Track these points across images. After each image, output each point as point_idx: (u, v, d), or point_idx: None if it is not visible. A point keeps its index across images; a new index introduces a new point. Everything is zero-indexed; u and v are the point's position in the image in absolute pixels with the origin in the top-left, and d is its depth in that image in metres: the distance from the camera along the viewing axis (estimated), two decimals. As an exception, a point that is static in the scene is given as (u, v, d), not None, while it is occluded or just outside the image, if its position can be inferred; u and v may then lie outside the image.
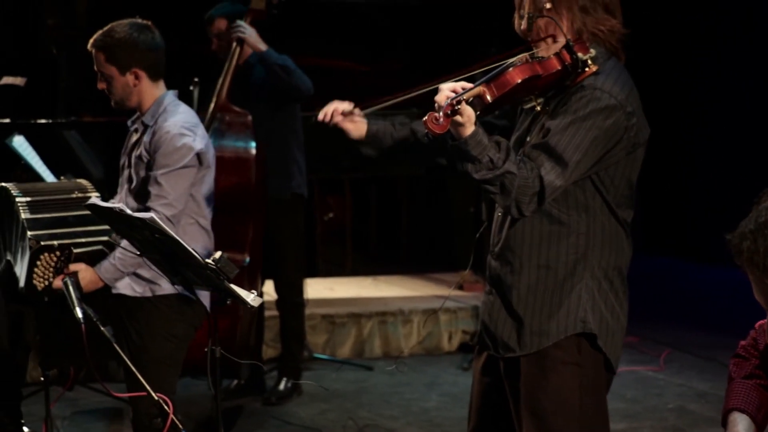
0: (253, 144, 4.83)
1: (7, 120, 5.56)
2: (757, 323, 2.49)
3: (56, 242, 3.48)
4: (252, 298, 2.82)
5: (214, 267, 2.81)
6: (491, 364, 2.77)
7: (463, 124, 2.48)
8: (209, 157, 3.69)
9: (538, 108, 2.68)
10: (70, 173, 4.41)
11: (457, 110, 2.44)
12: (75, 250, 3.51)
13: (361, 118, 2.89)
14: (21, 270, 3.57)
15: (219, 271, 2.80)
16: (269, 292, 5.36)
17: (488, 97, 2.51)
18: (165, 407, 2.81)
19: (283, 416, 4.93)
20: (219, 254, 2.82)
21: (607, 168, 2.62)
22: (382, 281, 6.97)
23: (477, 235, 3.20)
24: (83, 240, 3.58)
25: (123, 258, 3.52)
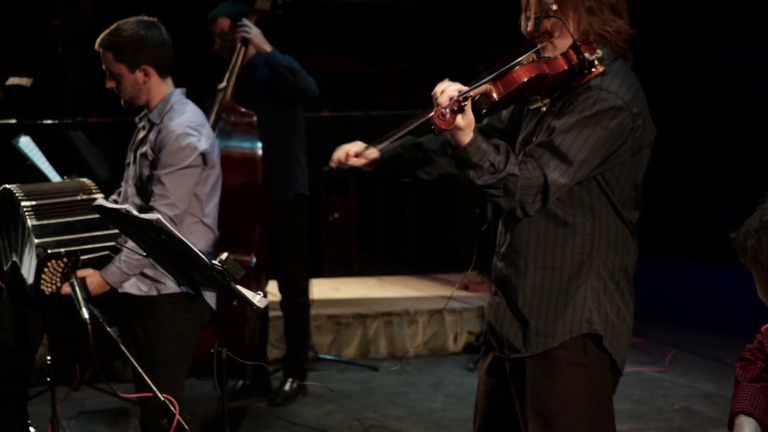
0: (260, 144, 4.82)
1: (14, 120, 5.57)
2: (764, 326, 2.49)
3: (63, 249, 3.48)
4: (258, 299, 2.82)
5: (221, 268, 2.81)
6: (497, 365, 2.77)
7: (463, 130, 2.48)
8: (214, 157, 3.69)
9: (544, 108, 2.67)
10: (76, 173, 4.42)
11: (464, 107, 2.45)
12: (82, 257, 3.52)
13: (373, 151, 2.90)
14: (27, 272, 3.57)
15: (225, 273, 2.81)
16: (273, 293, 5.36)
17: (495, 95, 2.51)
18: (171, 408, 2.81)
19: (289, 417, 4.92)
20: (225, 255, 2.82)
21: (613, 169, 2.62)
22: (388, 282, 6.96)
23: (480, 235, 3.20)
24: (90, 246, 3.57)
25: (128, 261, 3.53)
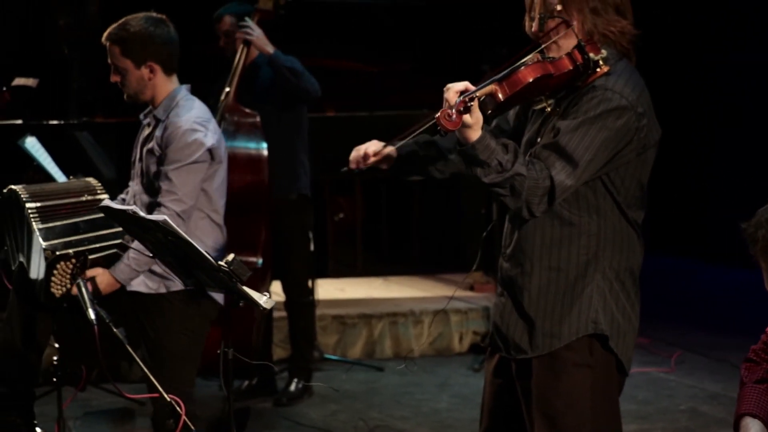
0: (264, 144, 4.82)
1: (20, 121, 5.58)
2: None
3: (71, 251, 3.49)
4: (265, 300, 2.82)
5: (227, 269, 2.81)
6: (503, 366, 2.77)
7: (471, 127, 2.48)
8: (221, 153, 3.69)
9: (549, 109, 2.68)
10: (81, 174, 4.42)
11: (470, 107, 2.45)
12: (90, 257, 3.52)
13: (391, 149, 2.89)
14: (35, 272, 3.57)
15: (232, 274, 2.81)
16: (278, 292, 5.36)
17: (500, 96, 2.52)
18: (177, 408, 2.81)
19: (294, 417, 4.93)
20: (232, 256, 2.82)
21: (618, 169, 2.62)
22: (393, 282, 6.96)
23: (484, 234, 3.20)
24: (97, 245, 3.58)
25: (137, 258, 3.53)
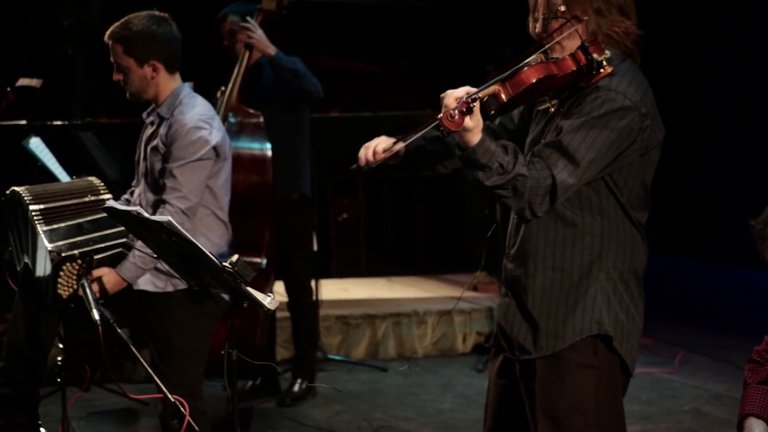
0: (268, 145, 4.82)
1: (24, 121, 5.59)
2: None
3: (77, 251, 3.49)
4: (269, 301, 2.83)
5: (231, 270, 2.81)
6: (507, 367, 2.78)
7: (471, 131, 2.48)
8: (226, 150, 3.69)
9: (553, 109, 2.68)
10: (85, 174, 4.43)
11: (472, 108, 2.45)
12: (96, 257, 3.53)
13: (400, 145, 2.85)
14: (41, 274, 3.57)
15: (236, 275, 2.81)
16: (281, 293, 5.36)
17: (503, 96, 2.52)
18: (181, 409, 2.82)
19: (297, 417, 4.93)
20: (236, 257, 2.82)
21: (621, 169, 2.62)
22: (397, 282, 6.96)
23: (488, 235, 3.21)
24: (102, 245, 3.58)
25: (142, 256, 3.53)
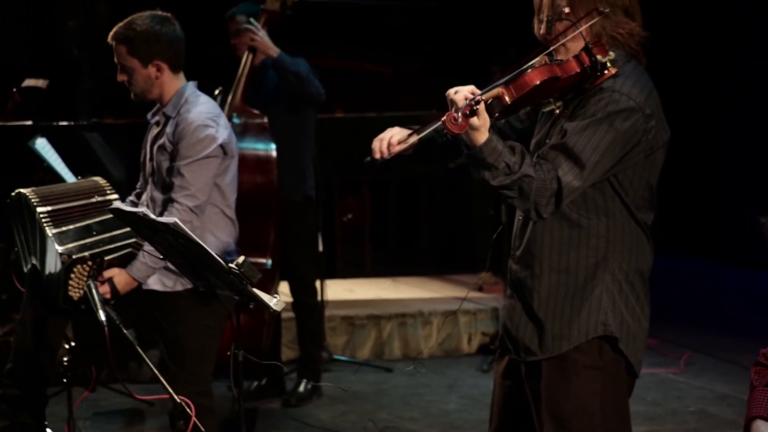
0: (273, 146, 4.83)
1: (30, 122, 5.60)
2: None
3: (87, 253, 3.50)
4: (275, 303, 2.83)
5: (237, 272, 2.82)
6: (512, 368, 2.78)
7: (478, 129, 2.48)
8: (233, 147, 3.70)
9: (557, 111, 2.68)
10: (90, 175, 4.44)
11: (476, 111, 2.45)
12: (106, 258, 3.53)
13: (414, 137, 2.82)
14: (50, 275, 3.57)
15: (242, 276, 2.82)
16: (286, 293, 5.37)
17: (507, 99, 2.52)
18: (188, 410, 2.82)
19: (303, 418, 4.94)
20: (242, 259, 2.83)
21: (626, 170, 2.62)
22: (402, 282, 6.96)
23: (494, 236, 3.21)
24: (112, 246, 3.59)
25: (152, 254, 3.54)
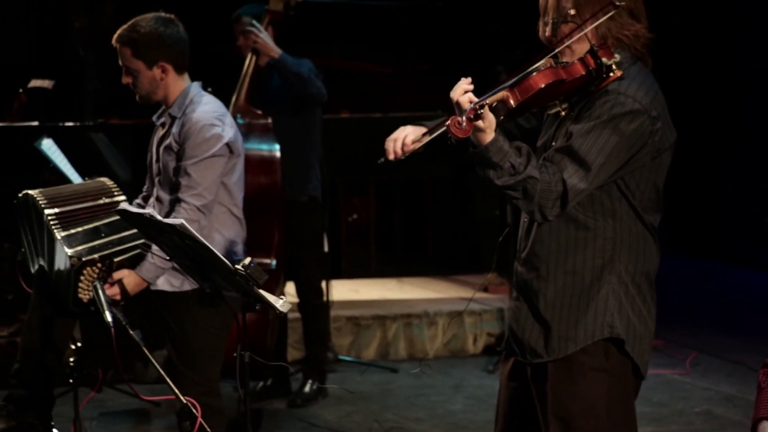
0: (277, 146, 4.84)
1: (36, 123, 5.62)
2: None
3: (97, 255, 3.50)
4: (281, 304, 2.84)
5: (244, 273, 2.82)
6: (518, 369, 2.77)
7: (484, 131, 2.48)
8: (239, 146, 3.71)
9: (563, 113, 2.67)
10: (96, 175, 4.45)
11: (480, 114, 2.44)
12: (115, 259, 3.54)
13: (428, 138, 2.81)
14: (59, 278, 3.58)
15: (248, 277, 2.82)
16: (291, 294, 5.37)
17: (512, 102, 2.51)
18: (194, 411, 2.83)
19: (308, 418, 4.94)
20: (248, 260, 2.83)
21: (633, 172, 2.62)
22: (407, 283, 6.97)
23: (501, 239, 3.20)
24: (121, 248, 3.59)
25: (161, 254, 3.54)
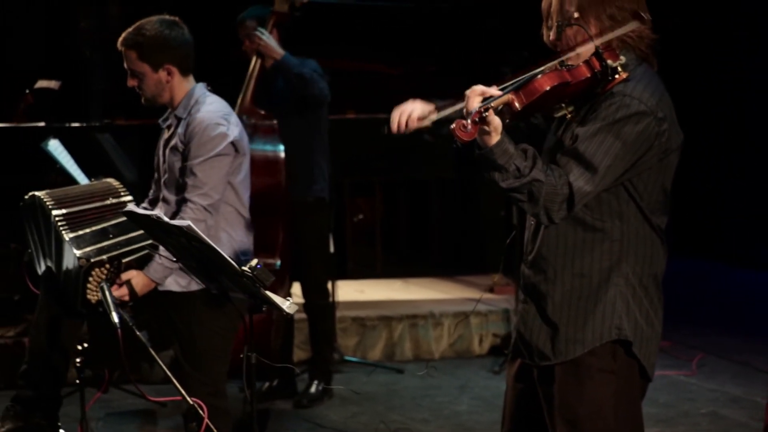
0: (281, 147, 4.86)
1: (42, 123, 5.63)
2: None
3: (105, 256, 3.51)
4: (288, 305, 2.83)
5: (251, 275, 2.83)
6: (525, 371, 2.77)
7: (489, 133, 2.48)
8: (244, 145, 3.71)
9: (569, 116, 2.67)
10: (102, 176, 4.45)
11: (485, 118, 2.44)
12: (123, 260, 3.54)
13: (435, 114, 2.79)
14: (67, 279, 3.59)
15: (255, 279, 2.82)
16: (298, 294, 5.38)
17: (517, 105, 2.50)
18: (200, 412, 2.83)
19: (314, 419, 4.94)
20: (255, 262, 2.83)
21: (640, 174, 2.61)
22: (413, 284, 6.97)
23: (508, 241, 3.20)
24: (129, 248, 3.59)
25: (168, 255, 3.54)
